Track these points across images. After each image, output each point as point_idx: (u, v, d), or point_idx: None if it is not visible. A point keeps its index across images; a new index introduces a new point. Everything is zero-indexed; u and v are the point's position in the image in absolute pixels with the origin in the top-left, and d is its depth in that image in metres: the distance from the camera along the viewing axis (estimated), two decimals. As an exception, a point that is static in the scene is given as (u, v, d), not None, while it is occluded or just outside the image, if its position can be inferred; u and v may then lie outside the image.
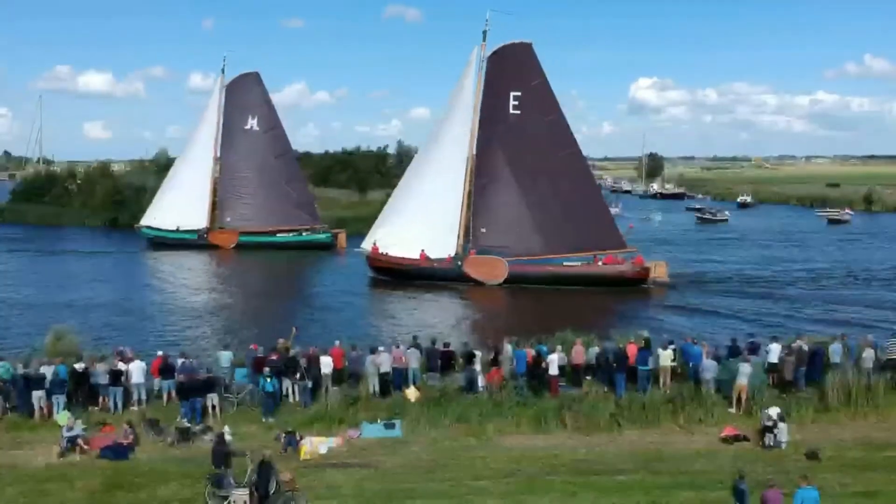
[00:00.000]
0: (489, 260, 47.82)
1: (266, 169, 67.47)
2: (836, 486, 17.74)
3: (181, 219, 66.82)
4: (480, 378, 23.26)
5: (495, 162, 48.84)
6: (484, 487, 17.87)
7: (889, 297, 44.11)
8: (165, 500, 17.42)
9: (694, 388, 22.97)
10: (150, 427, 20.83)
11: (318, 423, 21.69)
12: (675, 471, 18.86)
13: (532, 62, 49.53)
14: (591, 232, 47.52)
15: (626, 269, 46.93)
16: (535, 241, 47.95)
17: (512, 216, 48.37)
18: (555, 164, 48.03)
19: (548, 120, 48.87)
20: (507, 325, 36.81)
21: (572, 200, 47.73)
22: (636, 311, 41.79)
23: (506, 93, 48.83)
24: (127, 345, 26.12)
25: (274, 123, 68.85)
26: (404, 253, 48.88)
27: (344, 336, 28.04)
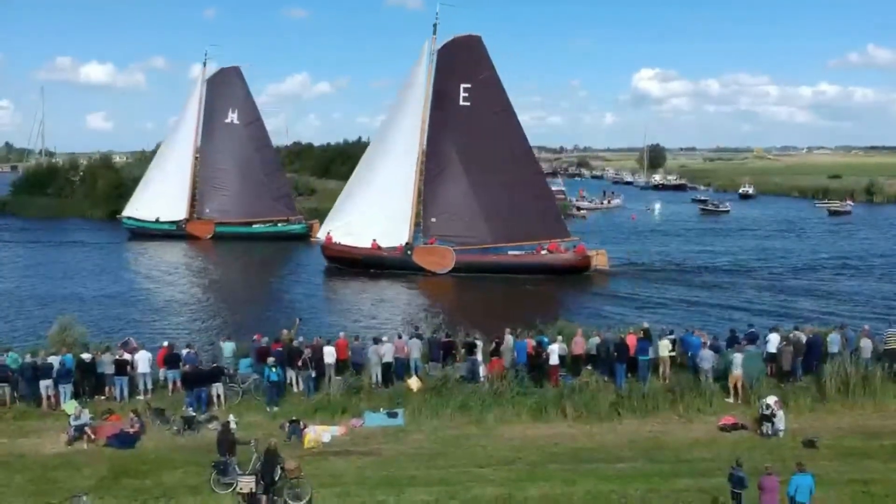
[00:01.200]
0: (437, 249, 49.23)
1: (245, 161, 68.73)
2: (832, 473, 18.03)
3: (161, 210, 68.23)
4: (482, 368, 23.51)
5: (446, 153, 49.98)
6: (484, 475, 18.17)
7: (883, 288, 44.28)
8: (171, 486, 17.73)
9: (693, 378, 23.20)
10: (155, 416, 21.13)
11: (322, 413, 21.98)
12: (673, 459, 19.15)
13: (481, 55, 50.65)
14: (536, 222, 48.88)
15: (568, 258, 48.36)
16: (484, 230, 49.30)
17: (461, 206, 49.68)
18: (503, 155, 49.29)
19: (497, 111, 50.01)
20: (452, 312, 38.83)
21: (519, 191, 49.04)
22: (576, 298, 43.42)
23: (456, 85, 49.96)
24: (107, 335, 26.41)
25: (254, 117, 70.04)
26: (357, 242, 50.31)
27: (336, 327, 28.46)
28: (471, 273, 47.71)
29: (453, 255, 48.75)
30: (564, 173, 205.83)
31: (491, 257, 49.27)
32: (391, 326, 32.95)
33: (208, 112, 69.74)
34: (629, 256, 55.56)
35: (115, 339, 26.22)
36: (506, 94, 50.68)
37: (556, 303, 42.59)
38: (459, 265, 48.39)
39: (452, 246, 49.22)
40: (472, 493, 17.17)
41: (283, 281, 50.47)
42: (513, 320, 26.87)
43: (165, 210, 68.23)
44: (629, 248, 61.72)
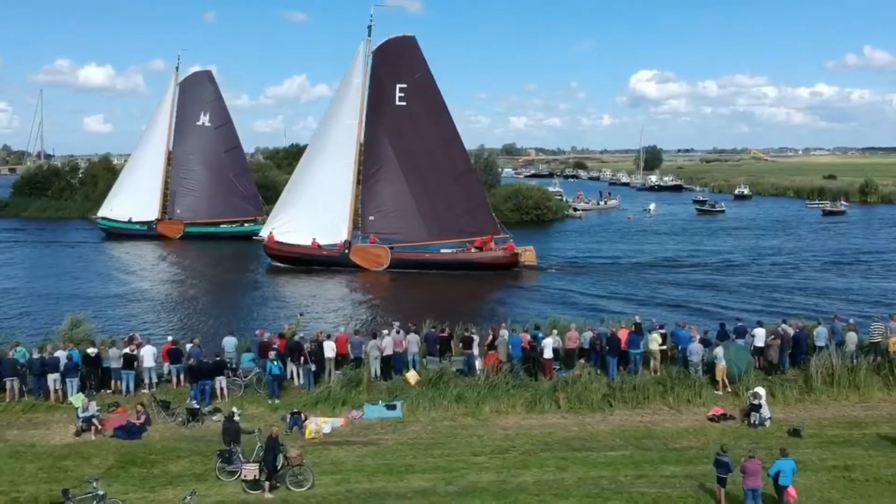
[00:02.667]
0: (373, 248, 51.06)
1: (215, 163, 70.66)
2: (815, 460, 18.73)
3: (134, 210, 70.34)
4: (478, 362, 24.16)
5: (382, 152, 51.70)
6: (480, 463, 18.82)
7: (872, 285, 45.00)
8: (177, 474, 18.36)
9: (683, 371, 23.86)
10: (161, 408, 21.73)
11: (322, 405, 22.60)
12: (663, 447, 19.81)
13: (416, 55, 52.16)
14: (469, 219, 51.02)
15: (497, 255, 50.11)
16: (420, 227, 51.18)
17: (398, 204, 51.54)
18: (437, 154, 51.07)
19: (431, 111, 51.59)
20: (388, 307, 40.60)
21: (453, 189, 50.94)
22: (503, 292, 45.29)
23: (392, 85, 51.54)
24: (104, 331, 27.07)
25: (225, 119, 72.16)
26: (298, 241, 51.74)
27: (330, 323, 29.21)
28: (406, 269, 49.50)
29: (389, 253, 50.50)
30: (561, 175, 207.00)
31: (424, 255, 50.86)
32: (331, 322, 34.63)
33: (180, 115, 71.96)
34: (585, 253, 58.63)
35: (113, 334, 26.75)
36: (440, 94, 52.45)
37: (485, 297, 44.53)
38: (395, 262, 50.22)
39: (390, 243, 50.92)
40: (469, 479, 17.82)
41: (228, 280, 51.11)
42: (446, 314, 28.38)
43: (138, 210, 70.47)
44: (612, 246, 64.18)
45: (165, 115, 72.29)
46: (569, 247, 64.75)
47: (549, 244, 65.50)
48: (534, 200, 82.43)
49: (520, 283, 47.96)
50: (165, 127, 72.08)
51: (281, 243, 52.47)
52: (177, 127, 71.84)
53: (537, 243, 60.78)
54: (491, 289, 46.29)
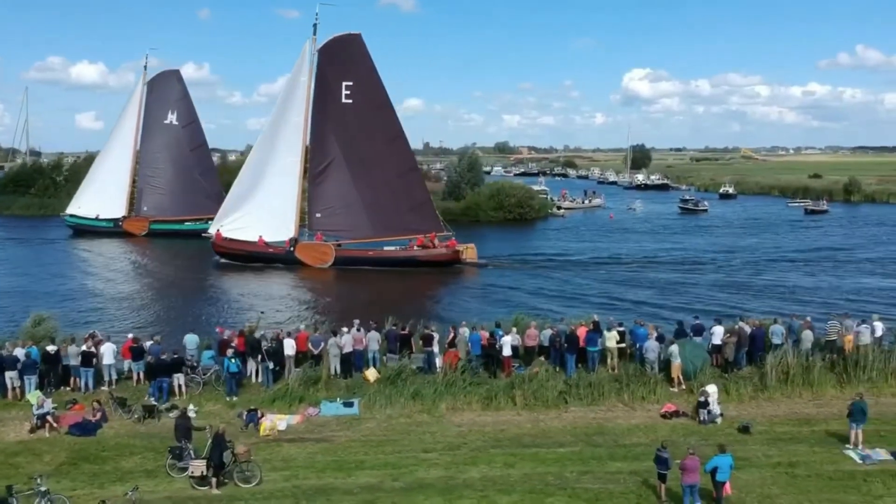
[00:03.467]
0: (318, 246, 51.78)
1: (181, 161, 71.41)
2: (761, 456, 19.00)
3: (102, 208, 70.98)
4: (438, 359, 24.33)
5: (329, 149, 52.44)
6: (430, 459, 19.02)
7: (842, 282, 45.41)
8: (129, 471, 18.50)
9: (639, 368, 24.08)
10: (117, 405, 21.84)
11: (280, 402, 22.75)
12: (612, 444, 20.03)
13: (362, 53, 52.90)
14: (413, 216, 51.77)
15: (439, 252, 51.07)
16: (365, 224, 51.95)
17: (345, 201, 52.33)
18: (382, 152, 51.88)
19: (377, 109, 52.31)
20: (334, 304, 41.44)
21: (397, 187, 51.76)
22: (444, 289, 46.31)
23: (338, 83, 52.19)
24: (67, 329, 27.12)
25: (191, 118, 72.90)
26: (245, 238, 52.46)
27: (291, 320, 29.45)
28: (350, 266, 50.51)
29: (333, 250, 51.33)
30: (550, 173, 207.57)
31: (368, 252, 51.77)
32: (283, 320, 35.43)
33: (148, 113, 72.71)
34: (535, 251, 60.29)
35: (74, 332, 26.78)
36: (385, 91, 53.28)
37: (426, 293, 45.38)
38: (339, 260, 51.07)
39: (336, 240, 51.92)
40: (416, 476, 18.01)
41: (187, 278, 51.25)
42: (389, 310, 28.50)
43: (105, 208, 71.10)
44: (582, 245, 65.27)
45: (133, 113, 73.16)
46: (543, 245, 65.20)
47: (523, 242, 66.25)
48: (516, 199, 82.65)
49: (461, 279, 49.01)
50: (133, 125, 72.91)
51: (228, 240, 53.15)
52: (144, 125, 72.69)
53: (512, 241, 61.16)
54: (433, 285, 47.18)
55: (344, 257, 51.22)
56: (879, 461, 18.55)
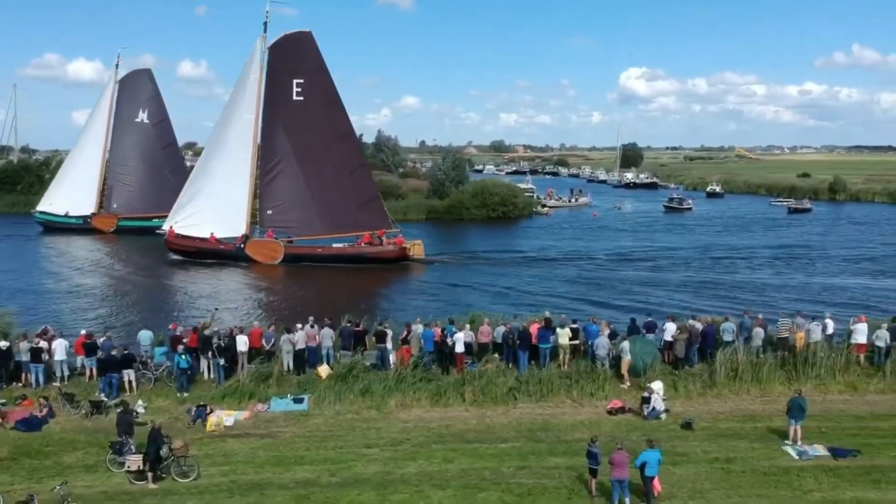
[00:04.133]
0: (267, 242, 52.43)
1: (152, 159, 72.00)
2: (700, 452, 19.17)
3: (72, 205, 71.41)
4: (392, 356, 24.44)
5: (280, 146, 53.06)
6: (370, 455, 19.13)
7: (812, 280, 45.67)
8: (69, 466, 18.59)
9: (591, 365, 24.22)
10: (66, 401, 21.90)
11: (230, 398, 22.82)
12: (554, 440, 20.15)
13: (312, 51, 53.49)
14: (362, 213, 52.73)
15: (386, 249, 51.83)
16: (315, 221, 52.62)
17: (295, 198, 52.95)
18: (332, 149, 52.65)
19: (327, 106, 52.99)
20: (281, 301, 41.89)
21: (347, 184, 52.60)
22: (392, 285, 47.26)
23: (289, 80, 52.77)
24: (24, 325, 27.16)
25: (162, 116, 73.70)
26: (197, 235, 53.04)
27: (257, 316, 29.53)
28: (299, 263, 51.11)
29: (282, 247, 51.96)
30: (542, 172, 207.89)
31: (317, 249, 52.23)
32: (236, 315, 35.92)
33: (119, 111, 73.24)
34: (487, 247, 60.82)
35: (29, 328, 26.84)
36: (335, 89, 53.95)
37: (373, 289, 45.94)
38: (289, 256, 51.68)
39: (287, 236, 52.50)
40: (354, 471, 18.13)
41: (150, 274, 51.48)
42: (338, 305, 29.79)
43: (75, 205, 71.53)
44: (551, 243, 65.65)
45: (104, 111, 73.68)
46: (518, 243, 65.43)
47: (498, 240, 66.60)
48: (500, 197, 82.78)
49: (407, 276, 49.76)
50: (104, 123, 73.49)
51: (180, 237, 53.75)
52: (115, 123, 73.19)
53: (489, 239, 61.39)
54: (381, 282, 47.81)
55: (293, 254, 51.85)
56: (815, 457, 18.73)
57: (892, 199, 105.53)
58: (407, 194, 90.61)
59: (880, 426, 20.90)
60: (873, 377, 23.97)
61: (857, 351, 24.55)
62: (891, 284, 44.80)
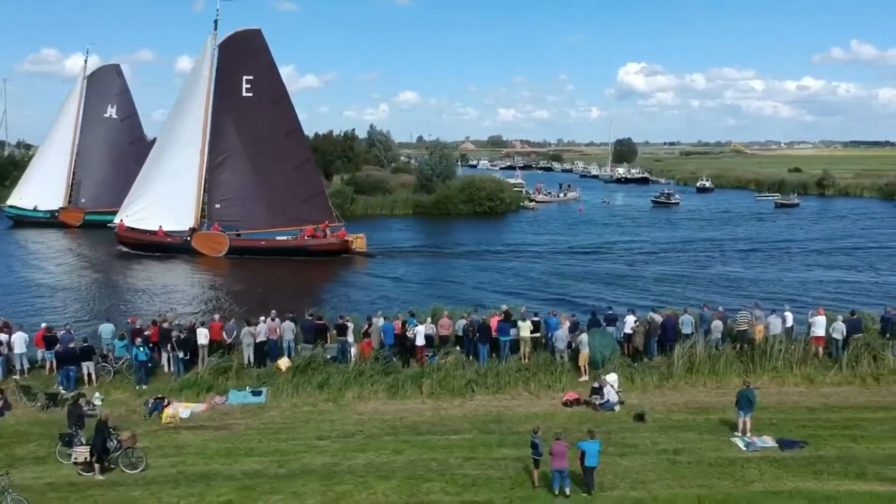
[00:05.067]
0: (213, 235, 53.24)
1: (120, 154, 72.21)
2: (649, 443, 19.31)
3: (41, 199, 71.89)
4: (353, 348, 24.54)
5: (229, 141, 53.98)
6: (320, 446, 19.27)
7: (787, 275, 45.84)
8: (19, 457, 18.71)
9: (551, 357, 24.34)
10: (22, 393, 21.98)
11: (188, 391, 22.93)
12: (506, 431, 20.28)
13: (262, 48, 54.57)
14: (307, 207, 53.61)
15: (328, 242, 52.77)
16: (261, 215, 53.50)
17: (243, 192, 53.96)
18: (280, 144, 53.56)
19: (275, 102, 53.96)
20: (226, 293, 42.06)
21: (293, 178, 53.44)
22: (335, 277, 48.07)
23: (238, 77, 53.70)
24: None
25: (130, 112, 74.45)
26: (146, 228, 54.05)
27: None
28: (244, 255, 51.98)
29: (227, 240, 52.83)
30: (535, 167, 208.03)
31: (261, 242, 53.17)
32: (189, 308, 36.41)
33: (88, 107, 73.74)
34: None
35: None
36: (283, 85, 55.19)
37: (316, 280, 47.28)
38: (233, 249, 52.60)
39: (235, 229, 53.40)
40: (302, 462, 18.27)
41: (112, 267, 51.63)
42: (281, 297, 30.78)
43: (44, 199, 71.96)
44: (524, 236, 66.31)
45: (73, 106, 74.06)
46: (494, 238, 65.38)
47: (474, 234, 66.53)
48: (486, 192, 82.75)
49: (349, 268, 50.55)
50: (73, 118, 73.87)
51: (129, 230, 54.58)
52: (84, 119, 73.63)
53: (470, 233, 61.38)
54: (323, 274, 48.76)
55: (238, 247, 52.78)
56: (763, 448, 18.88)
57: (881, 194, 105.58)
58: (395, 189, 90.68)
59: (831, 417, 21.08)
60: (830, 370, 24.09)
61: (815, 343, 24.67)
62: (862, 278, 45.02)
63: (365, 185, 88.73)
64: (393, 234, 67.23)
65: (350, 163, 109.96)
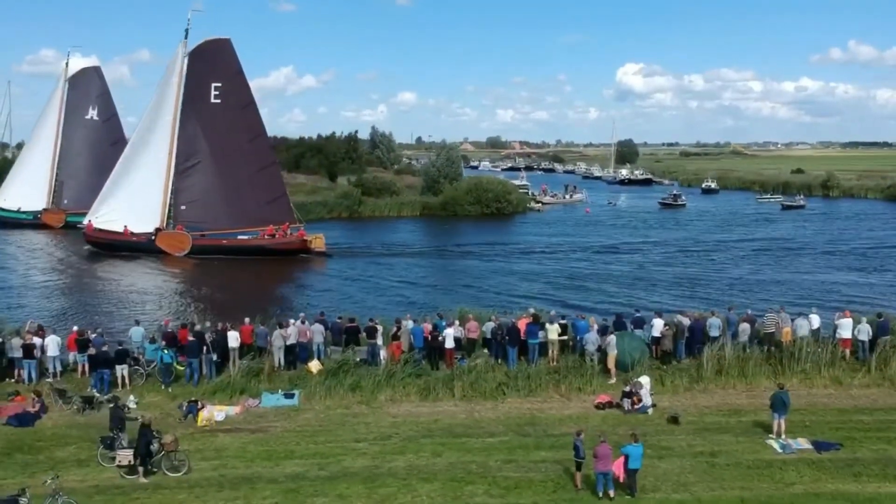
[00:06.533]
0: (177, 235, 55.02)
1: (101, 155, 72.35)
2: (685, 446, 19.42)
3: (24, 200, 73.06)
4: (382, 351, 24.66)
5: (196, 146, 55.82)
6: (359, 449, 19.36)
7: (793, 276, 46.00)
8: (61, 460, 18.78)
9: (579, 360, 24.48)
10: (58, 396, 22.09)
11: (221, 394, 23.06)
12: (542, 434, 20.38)
13: (230, 56, 56.71)
14: (270, 209, 55.40)
15: (288, 241, 54.62)
16: (225, 216, 55.24)
17: (208, 194, 55.82)
18: (245, 148, 55.51)
19: (242, 108, 55.97)
20: (188, 292, 43.83)
21: (257, 181, 55.27)
22: (293, 274, 50.05)
23: (207, 84, 55.57)
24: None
25: (111, 113, 76.10)
26: (113, 228, 55.62)
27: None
28: (206, 255, 53.42)
29: (190, 239, 54.50)
30: (537, 168, 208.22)
31: (223, 241, 54.76)
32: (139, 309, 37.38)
33: (70, 108, 74.85)
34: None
35: (17, 324, 27.03)
36: (250, 92, 57.54)
37: (276, 279, 48.82)
38: (196, 248, 54.25)
39: (199, 230, 55.06)
40: (343, 465, 18.36)
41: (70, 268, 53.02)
42: (242, 293, 31.00)
43: (28, 200, 72.93)
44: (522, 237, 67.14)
45: (55, 108, 74.99)
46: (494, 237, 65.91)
47: (486, 235, 66.80)
48: (493, 194, 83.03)
49: (308, 267, 52.23)
50: (55, 120, 74.88)
51: (97, 230, 56.04)
52: (66, 120, 74.69)
53: (480, 234, 61.56)
54: (280, 273, 50.37)
55: (200, 246, 54.22)
56: (798, 450, 18.99)
57: (885, 196, 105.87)
58: (401, 191, 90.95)
59: (863, 419, 21.17)
60: (858, 371, 24.23)
61: (842, 346, 24.81)
62: (882, 280, 45.18)
63: (372, 187, 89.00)
64: (402, 235, 67.54)
65: (354, 164, 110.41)
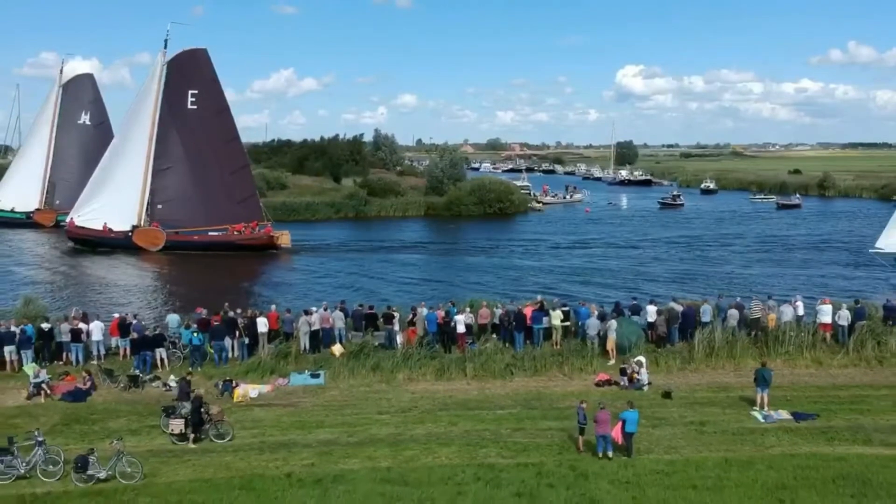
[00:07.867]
0: (152, 231, 58.67)
1: (93, 158, 74.67)
2: (676, 417, 21.49)
3: (18, 201, 76.42)
4: (399, 336, 26.78)
5: (173, 149, 59.49)
6: (382, 420, 21.47)
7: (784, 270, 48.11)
8: (115, 430, 20.79)
9: (581, 343, 26.60)
10: (105, 376, 24.21)
11: (253, 374, 25.19)
12: (547, 407, 22.50)
13: (206, 65, 60.57)
14: (241, 208, 59.14)
15: (255, 237, 58.46)
16: (199, 214, 58.65)
17: (183, 194, 59.11)
18: (220, 151, 58.98)
19: (217, 114, 59.60)
20: (162, 286, 47.62)
21: (230, 182, 58.91)
22: (261, 268, 53.66)
23: (185, 91, 59.16)
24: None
25: (102, 119, 79.50)
26: (93, 226, 58.85)
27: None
28: (179, 250, 57.10)
29: (164, 235, 58.14)
30: (538, 169, 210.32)
31: (194, 238, 58.45)
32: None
33: (64, 113, 78.42)
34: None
35: (65, 311, 29.18)
36: (225, 98, 61.31)
37: (244, 273, 52.16)
38: (169, 244, 57.88)
39: (174, 228, 58.56)
40: (369, 433, 20.45)
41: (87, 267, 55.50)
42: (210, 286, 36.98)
43: (22, 201, 76.23)
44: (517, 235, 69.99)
45: (49, 112, 78.31)
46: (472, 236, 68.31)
47: (488, 233, 69.02)
48: (496, 194, 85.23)
49: (275, 262, 56.09)
50: (49, 124, 78.21)
51: (78, 228, 59.29)
52: (59, 124, 78.03)
53: (483, 232, 63.90)
54: (251, 267, 53.59)
55: (174, 241, 57.84)
56: (779, 420, 21.07)
57: (879, 195, 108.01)
58: (406, 192, 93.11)
59: (839, 394, 23.29)
60: (837, 353, 26.34)
61: (822, 330, 26.91)
62: (867, 273, 47.34)
63: (377, 188, 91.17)
64: (409, 233, 69.69)
65: (358, 166, 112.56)
